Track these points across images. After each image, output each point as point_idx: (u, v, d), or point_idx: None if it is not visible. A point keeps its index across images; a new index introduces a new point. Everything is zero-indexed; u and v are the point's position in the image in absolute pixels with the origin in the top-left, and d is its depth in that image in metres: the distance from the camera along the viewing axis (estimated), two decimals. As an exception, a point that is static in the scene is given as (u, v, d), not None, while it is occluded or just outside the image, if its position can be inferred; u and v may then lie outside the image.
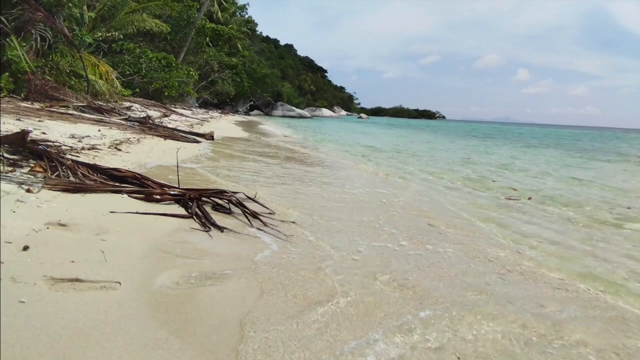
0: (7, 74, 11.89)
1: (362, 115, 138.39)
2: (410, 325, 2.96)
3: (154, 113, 19.15)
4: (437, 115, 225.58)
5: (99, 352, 2.13)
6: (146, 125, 12.81)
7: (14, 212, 3.66)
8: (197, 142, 12.71)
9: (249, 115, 61.96)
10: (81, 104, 13.22)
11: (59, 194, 4.38)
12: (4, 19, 12.25)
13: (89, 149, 7.42)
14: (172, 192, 5.08)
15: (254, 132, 24.89)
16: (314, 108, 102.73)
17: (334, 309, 3.06)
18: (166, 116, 19.98)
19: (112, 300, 2.64)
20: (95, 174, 5.29)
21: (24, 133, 5.49)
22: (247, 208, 4.98)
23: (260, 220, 4.84)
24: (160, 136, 11.69)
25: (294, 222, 5.15)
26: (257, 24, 79.69)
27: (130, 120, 13.32)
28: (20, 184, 4.39)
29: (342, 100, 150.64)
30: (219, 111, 46.92)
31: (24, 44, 12.87)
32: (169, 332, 2.43)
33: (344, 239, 4.80)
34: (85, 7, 17.55)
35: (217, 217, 4.68)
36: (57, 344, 2.13)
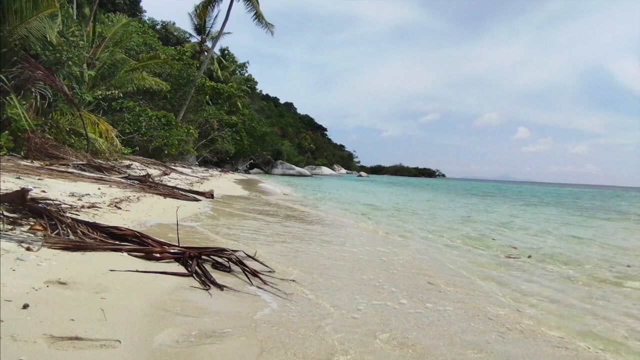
0: (7, 132, 11.95)
1: (362, 173, 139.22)
2: (410, 384, 2.94)
3: (153, 171, 19.29)
4: (436, 174, 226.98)
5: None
6: (146, 184, 12.90)
7: (13, 270, 3.67)
8: (197, 200, 12.77)
9: (249, 173, 62.42)
10: (81, 162, 13.32)
11: (58, 252, 4.41)
12: (3, 77, 12.37)
13: (88, 207, 7.46)
14: (172, 251, 5.11)
15: (254, 190, 25.01)
16: (314, 166, 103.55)
17: (333, 367, 3.04)
18: (166, 174, 20.11)
19: (112, 359, 2.64)
20: (95, 232, 5.33)
21: (23, 191, 5.55)
22: (246, 266, 5.00)
23: (260, 279, 4.85)
24: (160, 194, 11.76)
25: (293, 280, 5.16)
26: (256, 82, 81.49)
27: (130, 179, 13.42)
28: (20, 242, 4.42)
29: (341, 158, 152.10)
30: (219, 169, 47.30)
31: (24, 102, 12.98)
32: (168, 390, 2.42)
33: (344, 297, 4.79)
34: (85, 66, 17.81)
35: (217, 275, 4.70)
36: (56, 402, 2.12)
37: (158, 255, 4.97)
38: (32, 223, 5.11)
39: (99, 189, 9.99)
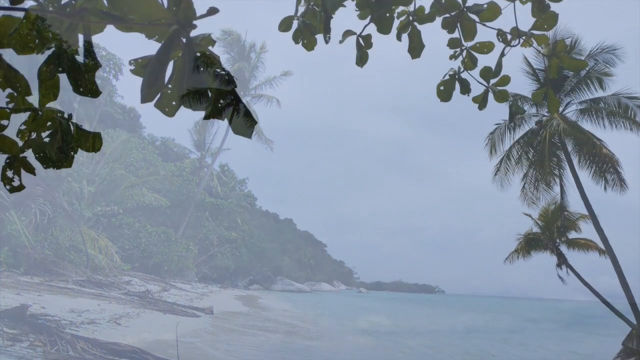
0: (6, 248, 12.08)
1: (362, 289, 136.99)
2: None
3: (153, 287, 19.27)
4: (436, 290, 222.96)
5: None
6: (145, 300, 12.98)
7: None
8: (197, 316, 12.80)
9: (249, 289, 61.52)
10: (80, 278, 13.40)
11: (62, 367, 4.55)
12: (3, 194, 12.63)
13: (88, 323, 7.61)
14: (174, 365, 5.23)
15: (254, 306, 24.78)
16: (314, 282, 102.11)
17: None
18: (165, 290, 20.07)
19: None
20: (94, 349, 5.48)
21: (23, 307, 5.73)
22: (247, 380, 5.11)
23: (260, 392, 4.95)
24: (160, 310, 11.83)
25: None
26: (256, 198, 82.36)
27: (130, 295, 13.49)
28: (20, 358, 4.56)
29: (341, 274, 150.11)
30: (219, 285, 46.76)
31: (24, 219, 13.14)
32: None
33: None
34: (84, 182, 18.14)
35: (218, 389, 4.81)
36: None
37: (160, 370, 5.09)
38: (31, 339, 5.26)
39: (98, 304, 10.11)
